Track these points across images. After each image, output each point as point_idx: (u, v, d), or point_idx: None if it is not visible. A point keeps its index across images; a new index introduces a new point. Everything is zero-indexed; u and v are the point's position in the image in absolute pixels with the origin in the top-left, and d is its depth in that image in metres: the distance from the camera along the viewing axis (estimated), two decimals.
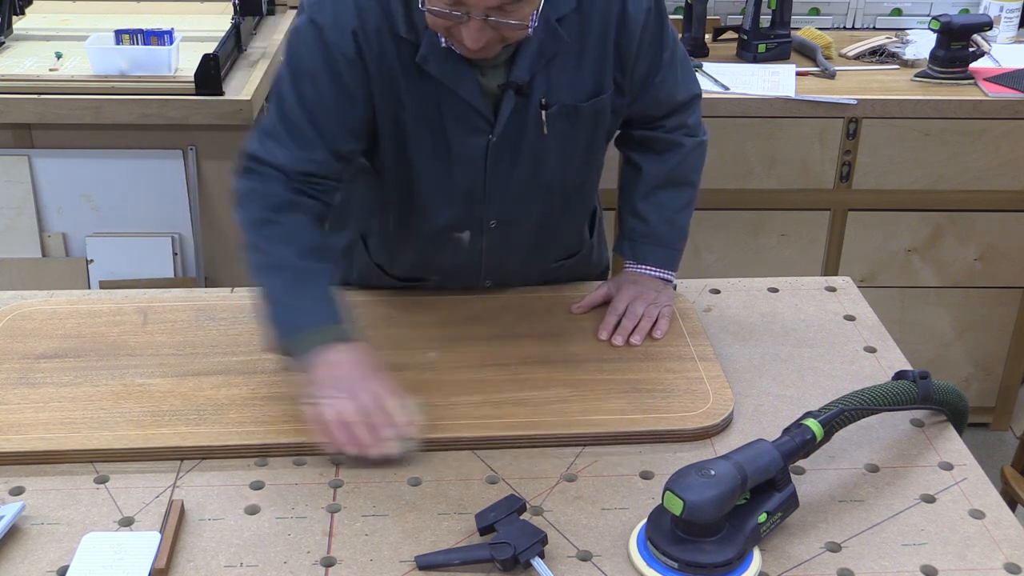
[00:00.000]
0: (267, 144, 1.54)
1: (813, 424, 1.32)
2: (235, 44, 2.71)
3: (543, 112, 1.56)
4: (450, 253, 1.71)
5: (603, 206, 1.91)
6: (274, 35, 2.87)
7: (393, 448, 1.39)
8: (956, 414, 1.52)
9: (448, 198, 1.64)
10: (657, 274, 1.74)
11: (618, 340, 1.65)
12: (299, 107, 1.52)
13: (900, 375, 1.49)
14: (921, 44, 2.88)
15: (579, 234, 1.83)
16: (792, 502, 1.29)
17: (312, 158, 1.53)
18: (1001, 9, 2.96)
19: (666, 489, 1.21)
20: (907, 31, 3.01)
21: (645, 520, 1.28)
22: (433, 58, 1.50)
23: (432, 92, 1.53)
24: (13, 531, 1.29)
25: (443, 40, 1.48)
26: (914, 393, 1.44)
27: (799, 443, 1.30)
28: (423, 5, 1.40)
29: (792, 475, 1.31)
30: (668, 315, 1.69)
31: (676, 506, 1.20)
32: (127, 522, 1.31)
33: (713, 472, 1.21)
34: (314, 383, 1.41)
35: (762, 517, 1.25)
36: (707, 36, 2.93)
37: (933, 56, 2.72)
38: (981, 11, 2.99)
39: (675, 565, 1.22)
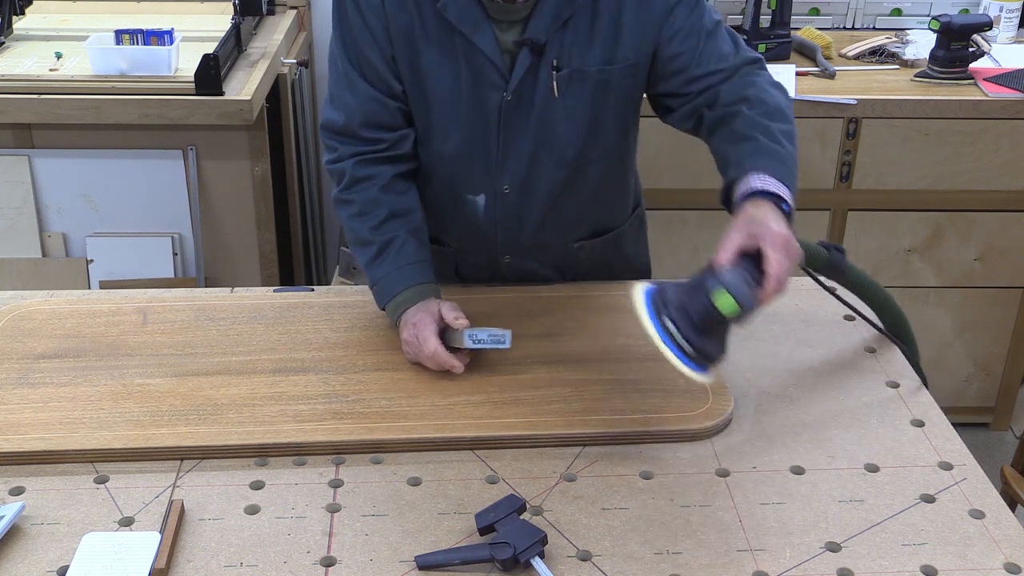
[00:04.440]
0: (329, 109, 1.69)
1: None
2: (235, 44, 2.71)
3: (554, 74, 1.60)
4: (467, 216, 1.74)
5: (646, 206, 1.91)
6: (274, 35, 2.87)
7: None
8: (897, 324, 1.64)
9: (463, 157, 1.68)
10: (776, 189, 1.43)
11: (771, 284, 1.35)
12: (348, 57, 1.64)
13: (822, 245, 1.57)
14: (921, 44, 2.88)
15: (602, 215, 1.82)
16: None
17: (367, 107, 1.64)
18: (1001, 9, 2.96)
19: (725, 288, 1.25)
20: (907, 31, 3.01)
21: (652, 287, 1.32)
22: (453, 5, 1.56)
23: (450, 44, 1.59)
24: (13, 531, 1.29)
25: None
26: (824, 258, 1.53)
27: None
28: None
29: (792, 475, 1.32)
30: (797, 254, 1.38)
31: (729, 307, 1.25)
32: (127, 522, 1.31)
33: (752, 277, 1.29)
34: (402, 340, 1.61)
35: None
36: None
37: (933, 56, 2.72)
38: (981, 11, 2.99)
39: (689, 350, 1.27)
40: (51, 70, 2.57)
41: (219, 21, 2.86)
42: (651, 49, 1.62)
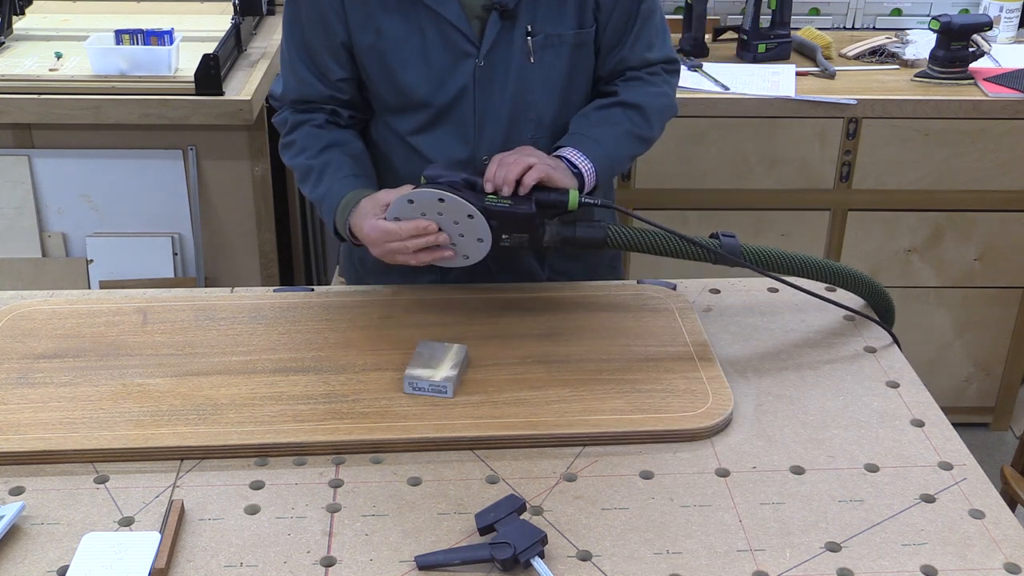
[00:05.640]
0: (277, 82, 1.82)
1: (573, 194, 1.54)
2: (235, 44, 2.71)
3: (529, 39, 1.63)
4: None
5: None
6: (274, 35, 2.87)
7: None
8: (877, 301, 1.71)
9: (439, 129, 1.69)
10: (560, 153, 1.64)
11: (488, 187, 1.56)
12: (292, 40, 1.72)
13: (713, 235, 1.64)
14: (921, 44, 2.88)
15: None
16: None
17: (301, 87, 1.73)
18: (1001, 9, 2.96)
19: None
20: (907, 31, 3.01)
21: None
22: None
23: (414, 15, 1.62)
24: (13, 531, 1.29)
25: None
26: (715, 247, 1.60)
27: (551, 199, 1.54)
28: None
29: (791, 475, 1.32)
30: (543, 170, 1.55)
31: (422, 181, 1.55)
32: (127, 522, 1.31)
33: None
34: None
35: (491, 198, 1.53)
36: (707, 36, 2.93)
37: (933, 56, 2.72)
38: (981, 11, 3.00)
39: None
40: (51, 70, 2.57)
41: (219, 21, 2.86)
42: (604, 22, 1.68)
